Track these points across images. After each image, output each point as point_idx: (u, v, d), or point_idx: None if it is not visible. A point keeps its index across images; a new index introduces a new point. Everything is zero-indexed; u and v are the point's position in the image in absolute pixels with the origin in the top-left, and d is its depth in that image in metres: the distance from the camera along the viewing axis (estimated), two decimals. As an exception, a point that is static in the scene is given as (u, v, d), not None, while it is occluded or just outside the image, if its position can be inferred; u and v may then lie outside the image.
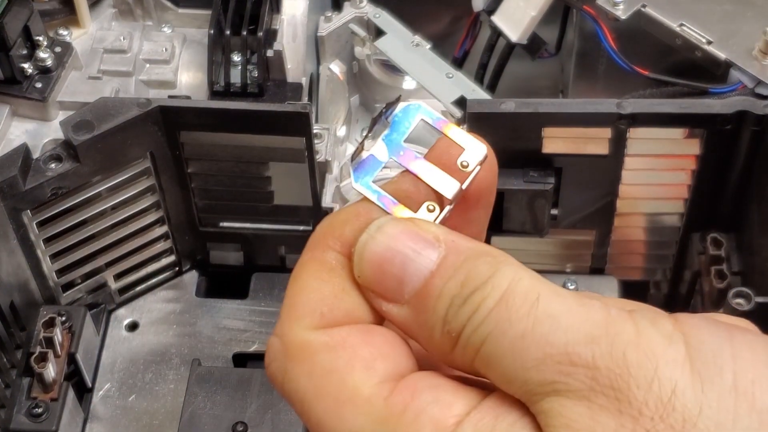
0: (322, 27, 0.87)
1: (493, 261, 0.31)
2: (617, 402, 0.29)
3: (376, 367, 0.31)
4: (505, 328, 0.30)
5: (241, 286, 0.85)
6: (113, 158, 0.74)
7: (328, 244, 0.34)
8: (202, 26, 0.87)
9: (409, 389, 0.31)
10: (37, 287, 0.77)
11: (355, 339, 0.32)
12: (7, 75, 0.81)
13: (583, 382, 0.29)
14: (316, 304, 0.32)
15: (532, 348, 0.30)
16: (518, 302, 0.30)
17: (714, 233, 0.78)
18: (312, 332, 0.32)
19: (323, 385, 0.31)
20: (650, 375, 0.29)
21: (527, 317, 0.30)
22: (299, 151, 0.76)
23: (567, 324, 0.30)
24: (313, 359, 0.32)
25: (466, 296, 0.31)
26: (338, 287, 0.33)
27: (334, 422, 0.31)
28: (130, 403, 0.79)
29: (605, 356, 0.29)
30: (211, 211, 0.82)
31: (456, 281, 0.31)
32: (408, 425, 0.30)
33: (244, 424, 0.70)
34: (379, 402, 0.31)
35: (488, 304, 0.30)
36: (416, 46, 0.83)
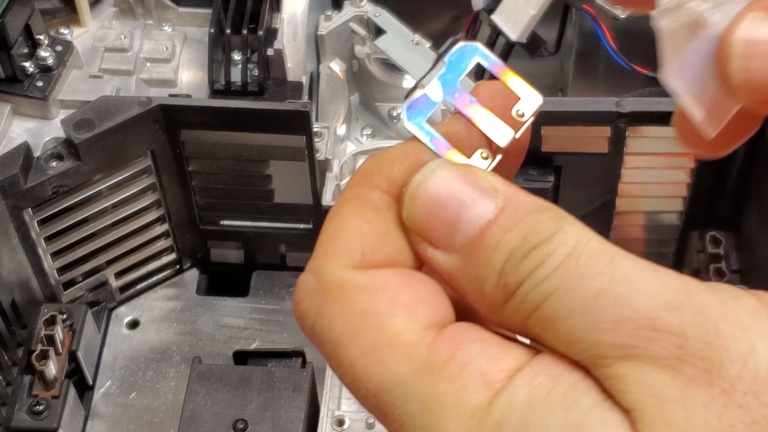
0: (323, 26, 0.87)
1: (557, 217, 0.29)
2: (708, 374, 0.27)
3: (417, 313, 0.29)
4: (574, 286, 0.28)
5: (241, 284, 0.86)
6: (114, 157, 0.74)
7: (373, 182, 0.31)
8: (203, 25, 0.88)
9: (453, 339, 0.29)
10: (38, 285, 0.77)
11: (396, 282, 0.30)
12: (8, 74, 0.81)
13: (668, 350, 0.27)
14: (357, 243, 0.30)
15: (608, 309, 0.28)
16: (590, 260, 0.28)
17: (713, 231, 0.78)
18: (351, 271, 0.30)
19: (361, 327, 0.29)
20: (746, 349, 0.27)
21: (601, 276, 0.28)
22: (299, 150, 0.76)
23: (645, 288, 0.28)
24: (351, 299, 0.29)
25: (528, 250, 0.29)
26: (381, 228, 0.31)
27: (371, 367, 0.29)
28: (130, 401, 0.79)
29: (694, 325, 0.27)
30: (211, 210, 0.82)
31: (517, 233, 0.29)
32: (453, 377, 0.28)
33: (245, 421, 0.71)
34: (422, 349, 0.29)
35: (554, 260, 0.28)
36: (416, 44, 0.83)
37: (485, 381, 0.28)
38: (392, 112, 0.91)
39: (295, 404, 0.71)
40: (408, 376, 0.28)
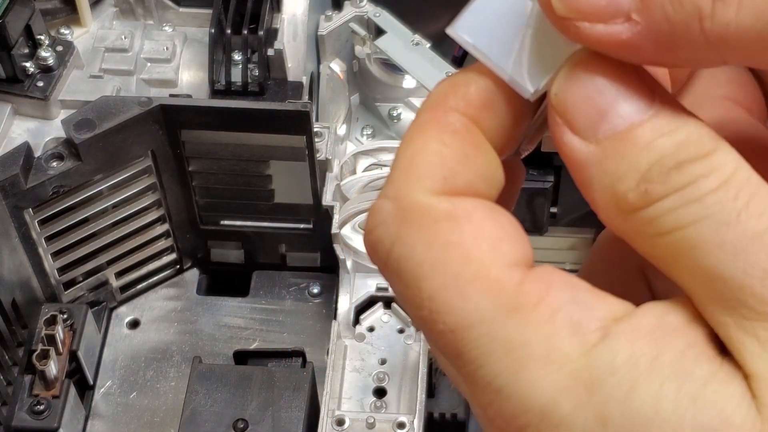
0: (323, 26, 0.87)
1: (713, 136, 0.26)
2: None
3: (504, 249, 0.27)
4: (730, 219, 0.25)
5: (241, 284, 0.86)
6: (114, 157, 0.74)
7: (449, 104, 0.29)
8: (203, 25, 0.88)
9: (543, 281, 0.27)
10: (39, 285, 0.77)
11: (481, 214, 0.28)
12: (8, 74, 0.81)
13: None
14: (438, 167, 0.28)
15: (763, 255, 0.25)
16: (751, 196, 0.26)
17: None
18: (433, 197, 0.28)
19: (444, 257, 0.27)
20: None
21: (761, 218, 0.25)
22: (300, 150, 0.76)
23: None
24: (434, 227, 0.27)
25: (682, 161, 0.26)
26: (461, 153, 0.28)
27: (454, 300, 0.27)
28: (131, 401, 0.79)
29: None
30: (211, 210, 0.82)
31: (672, 140, 0.26)
32: (542, 322, 0.26)
33: (245, 421, 0.71)
34: (509, 287, 0.27)
35: (710, 183, 0.26)
36: (416, 45, 0.83)
37: (577, 330, 0.26)
38: (392, 112, 0.91)
39: (295, 404, 0.71)
40: (493, 314, 0.26)
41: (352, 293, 0.80)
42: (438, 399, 0.76)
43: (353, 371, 0.77)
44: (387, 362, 0.77)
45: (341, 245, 0.78)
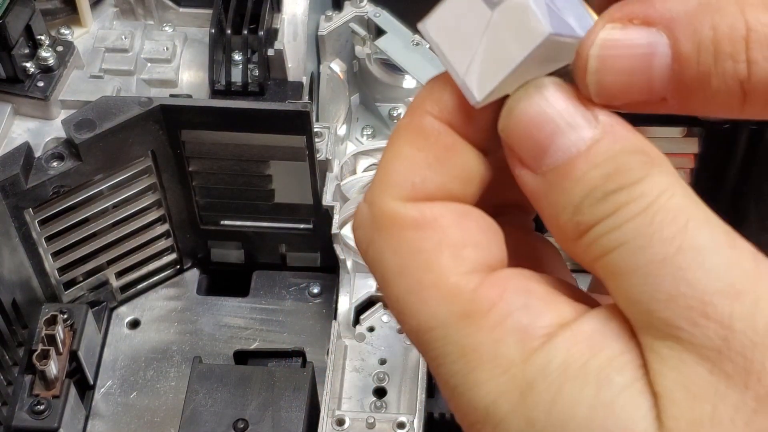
0: (323, 26, 0.87)
1: (648, 161, 0.28)
2: (745, 374, 0.25)
3: (465, 255, 0.29)
4: (643, 245, 0.27)
5: (241, 284, 0.86)
6: (115, 157, 0.74)
7: (425, 108, 0.30)
8: (203, 25, 0.88)
9: (498, 287, 0.28)
10: (39, 285, 0.77)
11: (447, 219, 0.29)
12: (9, 74, 0.81)
13: (712, 341, 0.26)
14: (408, 173, 0.30)
15: (668, 279, 0.26)
16: (665, 220, 0.27)
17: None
18: (402, 204, 0.29)
19: (408, 264, 0.29)
20: None
21: (671, 241, 0.27)
22: (300, 150, 0.76)
23: (711, 265, 0.26)
24: (400, 234, 0.29)
25: (608, 192, 0.27)
26: (433, 157, 0.30)
27: (414, 305, 0.29)
28: (131, 400, 0.79)
29: (745, 318, 0.26)
30: (212, 210, 0.82)
31: (602, 171, 0.28)
32: (492, 327, 0.28)
33: (245, 421, 0.71)
34: (465, 293, 0.28)
35: (631, 210, 0.27)
36: (416, 45, 0.84)
37: (523, 337, 0.28)
38: (392, 112, 0.91)
39: (296, 404, 0.71)
40: (448, 320, 0.28)
41: (352, 293, 0.80)
42: (438, 399, 0.76)
43: (353, 371, 0.77)
44: (387, 362, 0.77)
45: (341, 245, 0.78)
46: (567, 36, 0.29)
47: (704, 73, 0.28)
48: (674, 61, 0.28)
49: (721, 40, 0.27)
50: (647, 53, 0.28)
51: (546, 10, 0.29)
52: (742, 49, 0.27)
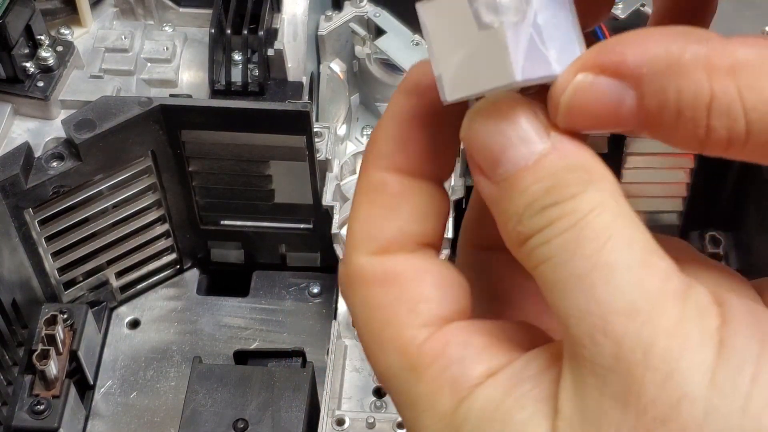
0: (323, 26, 0.87)
1: (586, 179, 0.29)
2: (628, 393, 0.27)
3: (420, 310, 0.31)
4: (566, 260, 0.28)
5: (241, 284, 0.86)
6: (115, 157, 0.74)
7: (371, 163, 0.33)
8: (203, 25, 0.88)
9: (442, 341, 0.31)
10: (39, 285, 0.77)
11: (407, 275, 0.32)
12: (9, 74, 0.81)
13: (606, 359, 0.27)
14: (366, 228, 0.32)
15: (580, 296, 0.28)
16: (587, 238, 0.28)
17: (712, 231, 0.78)
18: (368, 259, 0.32)
19: (371, 318, 0.32)
20: (666, 373, 0.27)
21: (587, 259, 0.28)
22: (300, 150, 0.76)
23: (619, 283, 0.27)
24: (365, 291, 0.32)
25: (545, 206, 0.29)
26: (385, 206, 0.32)
27: (375, 354, 0.32)
28: (131, 400, 0.79)
29: (635, 337, 0.27)
30: (212, 210, 0.83)
31: (542, 186, 0.29)
32: (431, 380, 0.30)
33: (245, 421, 0.71)
34: (412, 348, 0.31)
35: (561, 225, 0.29)
36: (416, 45, 0.84)
37: (454, 388, 0.30)
38: (392, 113, 0.91)
39: (295, 404, 0.71)
40: (399, 372, 0.31)
41: (352, 293, 0.80)
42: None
43: (353, 371, 0.77)
44: (387, 362, 0.77)
45: (341, 245, 0.78)
46: (538, 78, 0.30)
47: (667, 127, 0.29)
48: (639, 112, 0.29)
49: (685, 105, 0.29)
50: (615, 103, 0.29)
51: (524, 49, 0.29)
52: (703, 116, 0.28)
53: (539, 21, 0.30)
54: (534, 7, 0.30)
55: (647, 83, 0.29)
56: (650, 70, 0.29)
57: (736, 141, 0.29)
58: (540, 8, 0.30)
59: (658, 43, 0.29)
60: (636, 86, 0.29)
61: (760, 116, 0.28)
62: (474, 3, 0.29)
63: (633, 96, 0.29)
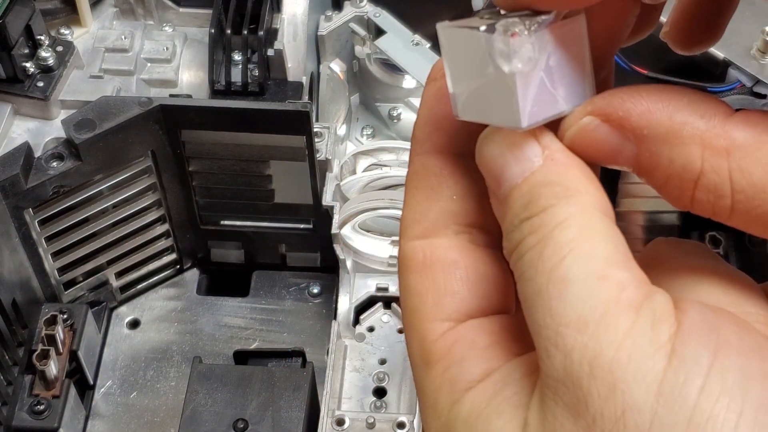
0: (323, 26, 0.87)
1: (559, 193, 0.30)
2: (578, 403, 0.28)
3: (444, 303, 0.32)
4: (531, 276, 0.29)
5: (241, 284, 0.86)
6: (115, 157, 0.74)
7: (411, 150, 0.35)
8: (203, 25, 0.88)
9: (451, 339, 0.32)
10: (39, 285, 0.77)
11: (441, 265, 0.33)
12: (9, 74, 0.81)
13: (557, 371, 0.28)
14: (411, 213, 0.34)
15: (540, 311, 0.29)
16: (550, 253, 0.29)
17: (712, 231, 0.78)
18: (413, 241, 0.33)
19: (407, 302, 0.33)
20: (611, 384, 0.27)
21: (546, 274, 0.29)
22: (300, 150, 0.76)
23: (571, 297, 0.28)
24: (407, 275, 0.33)
25: (522, 219, 0.30)
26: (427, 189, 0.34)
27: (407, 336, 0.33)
28: (131, 400, 0.79)
29: (582, 350, 0.28)
30: (212, 210, 0.82)
31: (521, 201, 0.31)
32: (435, 377, 0.32)
33: (245, 421, 0.71)
34: (428, 342, 0.32)
35: (531, 240, 0.30)
36: (416, 45, 0.84)
37: (451, 389, 0.31)
38: (392, 112, 0.91)
39: (295, 404, 0.71)
40: (417, 361, 0.32)
41: (352, 293, 0.80)
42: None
43: (353, 371, 0.77)
44: (387, 362, 0.77)
45: (341, 245, 0.78)
46: (543, 119, 0.31)
47: (657, 185, 0.31)
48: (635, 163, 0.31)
49: (674, 173, 0.30)
50: (614, 149, 0.31)
51: (533, 95, 0.30)
52: (690, 187, 0.30)
53: (551, 63, 0.31)
54: (547, 51, 0.31)
55: (645, 144, 0.31)
56: (650, 132, 0.30)
57: (721, 214, 0.30)
58: (553, 51, 0.31)
59: (663, 109, 0.30)
60: (636, 142, 0.31)
61: (746, 198, 0.30)
62: (490, 44, 0.30)
63: (632, 150, 0.31)
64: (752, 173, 0.29)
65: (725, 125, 0.30)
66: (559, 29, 0.31)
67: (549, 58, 0.31)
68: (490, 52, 0.30)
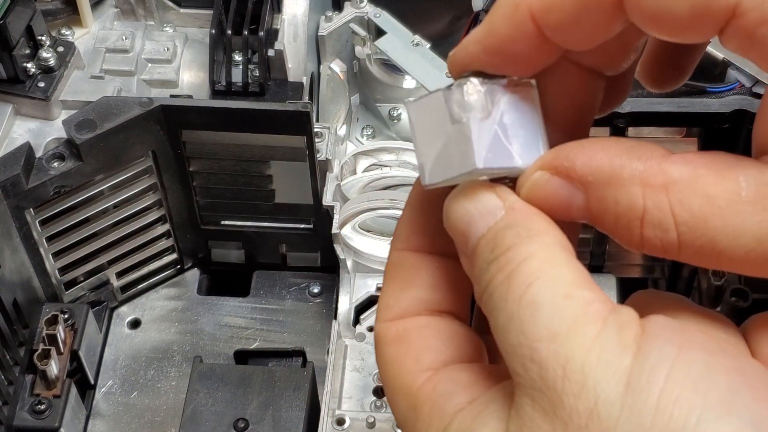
0: (323, 26, 0.87)
1: (523, 234, 0.33)
2: (553, 406, 0.30)
3: (422, 359, 0.36)
4: (502, 306, 0.32)
5: (242, 284, 0.86)
6: (115, 157, 0.74)
7: (394, 246, 0.38)
8: (204, 26, 0.88)
9: (434, 381, 0.35)
10: (40, 285, 0.78)
11: (413, 333, 0.36)
12: (10, 74, 0.81)
13: (534, 381, 0.30)
14: (387, 299, 0.37)
15: (513, 333, 0.31)
16: (517, 283, 0.32)
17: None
18: (385, 324, 0.37)
19: (387, 371, 0.36)
20: (582, 383, 0.30)
21: (517, 300, 0.31)
22: (300, 150, 0.76)
23: (542, 315, 0.31)
24: (383, 349, 0.37)
25: (489, 261, 0.33)
26: (402, 280, 0.37)
27: (391, 401, 0.36)
28: (132, 400, 0.80)
29: (555, 357, 0.30)
30: (212, 210, 0.83)
31: (487, 245, 0.33)
32: (426, 414, 0.34)
33: (246, 420, 0.71)
34: (412, 390, 0.35)
35: (498, 278, 0.32)
36: (416, 45, 0.84)
37: (441, 416, 0.34)
38: (392, 113, 0.91)
39: (296, 403, 0.72)
40: (405, 412, 0.35)
41: (352, 293, 0.80)
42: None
43: (353, 371, 0.77)
44: (387, 362, 0.77)
45: (341, 245, 0.78)
46: (499, 168, 0.34)
47: (609, 229, 0.33)
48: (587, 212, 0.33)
49: (621, 214, 0.32)
50: (566, 200, 0.34)
51: (488, 142, 0.34)
52: (636, 225, 0.32)
53: (505, 120, 0.34)
54: (501, 108, 0.34)
55: (592, 190, 0.33)
56: (595, 179, 0.33)
57: (670, 249, 0.32)
58: (507, 110, 0.34)
59: (604, 156, 0.33)
60: (583, 190, 0.33)
61: (689, 229, 0.31)
62: (448, 101, 0.34)
63: (582, 198, 0.33)
64: (691, 204, 0.31)
65: (662, 164, 0.32)
66: (512, 91, 0.34)
67: (503, 116, 0.34)
68: (448, 106, 0.34)
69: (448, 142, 0.34)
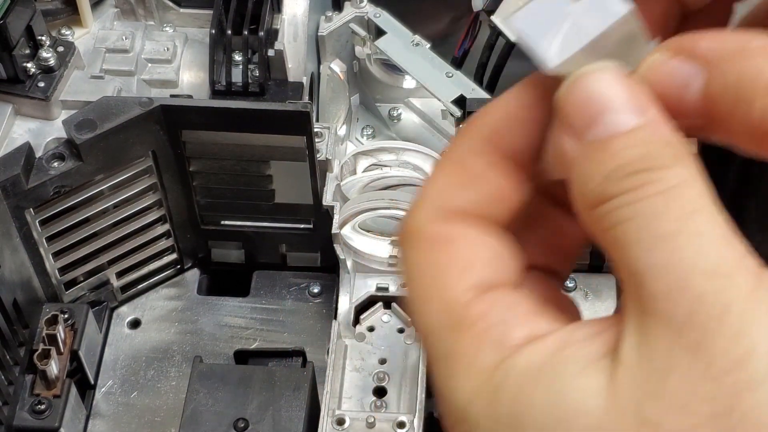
0: (323, 27, 0.87)
1: (678, 155, 0.31)
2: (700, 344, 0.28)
3: (471, 272, 0.32)
4: (650, 222, 0.30)
5: (242, 284, 0.86)
6: (115, 157, 0.74)
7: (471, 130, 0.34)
8: (204, 26, 0.88)
9: (488, 302, 0.32)
10: (40, 285, 0.78)
11: (465, 239, 0.33)
12: (10, 74, 0.82)
13: (682, 313, 0.29)
14: (436, 194, 0.33)
15: (663, 254, 0.29)
16: (675, 204, 0.30)
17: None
18: (432, 219, 0.33)
19: (422, 274, 0.33)
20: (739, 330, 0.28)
21: (674, 222, 0.29)
22: (300, 150, 0.76)
23: (701, 248, 0.29)
24: (420, 247, 0.33)
25: (636, 170, 0.30)
26: (459, 179, 0.33)
27: (420, 310, 0.32)
28: (132, 400, 0.80)
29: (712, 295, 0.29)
30: (212, 210, 0.83)
31: (636, 152, 0.31)
32: (473, 338, 0.31)
33: (246, 420, 0.71)
34: (458, 306, 0.32)
35: (651, 189, 0.30)
36: (416, 45, 0.84)
37: (499, 345, 0.31)
38: (393, 113, 0.91)
39: (296, 403, 0.72)
40: (441, 328, 0.32)
41: (352, 293, 0.80)
42: (438, 398, 0.76)
43: (353, 371, 0.77)
44: (387, 362, 0.78)
45: (341, 245, 0.78)
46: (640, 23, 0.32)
47: (725, 113, 0.31)
48: (703, 97, 0.32)
49: (744, 87, 0.31)
50: (683, 85, 0.32)
51: None
52: (761, 95, 0.30)
53: None
54: None
55: (714, 66, 0.31)
56: (720, 54, 0.31)
57: None
58: None
59: (732, 35, 0.32)
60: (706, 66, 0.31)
61: None
62: None
63: (701, 78, 0.31)
64: None
65: None
66: None
67: None
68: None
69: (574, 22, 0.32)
